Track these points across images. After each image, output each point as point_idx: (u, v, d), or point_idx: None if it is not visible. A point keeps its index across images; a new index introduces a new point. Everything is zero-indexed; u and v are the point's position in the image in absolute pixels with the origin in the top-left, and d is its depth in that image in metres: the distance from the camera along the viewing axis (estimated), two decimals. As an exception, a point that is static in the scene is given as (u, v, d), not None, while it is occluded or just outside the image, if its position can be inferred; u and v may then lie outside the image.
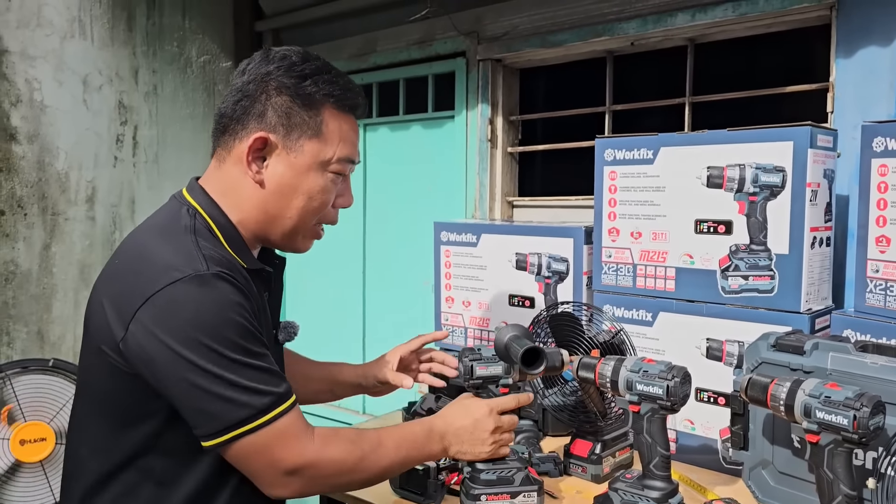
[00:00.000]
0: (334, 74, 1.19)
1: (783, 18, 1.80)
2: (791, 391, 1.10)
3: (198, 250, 1.08)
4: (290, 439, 1.07)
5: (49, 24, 2.39)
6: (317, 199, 1.18)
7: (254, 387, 1.04)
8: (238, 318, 1.05)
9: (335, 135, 1.17)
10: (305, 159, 1.16)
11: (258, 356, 1.06)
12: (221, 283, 1.05)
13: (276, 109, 1.14)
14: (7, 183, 2.31)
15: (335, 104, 1.17)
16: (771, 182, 1.40)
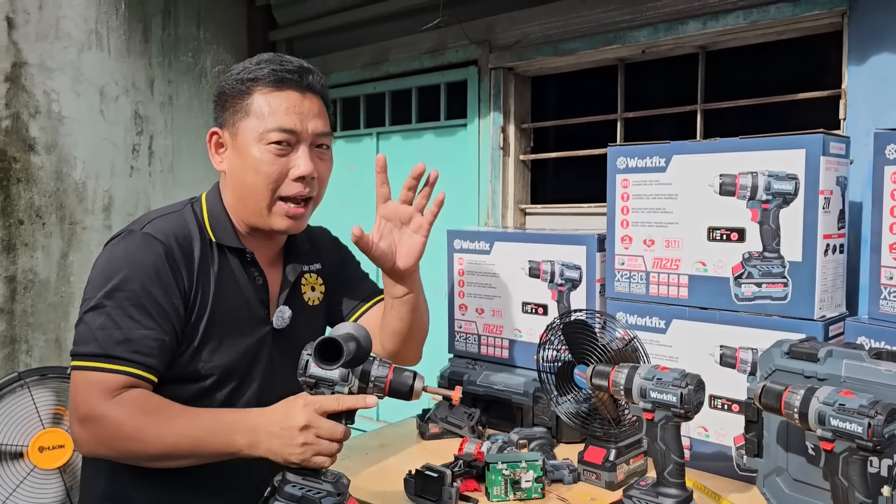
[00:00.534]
0: (270, 58, 1.32)
1: (794, 26, 1.80)
2: (805, 399, 1.10)
3: (155, 217, 1.30)
4: (91, 390, 1.18)
5: (67, 37, 2.43)
6: (261, 169, 1.29)
7: (97, 333, 1.19)
8: (135, 276, 1.21)
9: (264, 109, 1.29)
10: (244, 138, 1.30)
11: (124, 312, 1.20)
12: (141, 242, 1.25)
13: (222, 107, 1.34)
14: (26, 193, 2.35)
15: (263, 84, 1.30)
16: (783, 189, 1.41)
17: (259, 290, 1.37)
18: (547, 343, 1.55)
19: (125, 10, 2.58)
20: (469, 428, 1.65)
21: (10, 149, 2.30)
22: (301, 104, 1.31)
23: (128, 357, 1.19)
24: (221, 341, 1.31)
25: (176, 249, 1.27)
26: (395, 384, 1.16)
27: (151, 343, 1.21)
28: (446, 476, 1.33)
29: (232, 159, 1.33)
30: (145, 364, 1.20)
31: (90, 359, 1.19)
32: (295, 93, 1.31)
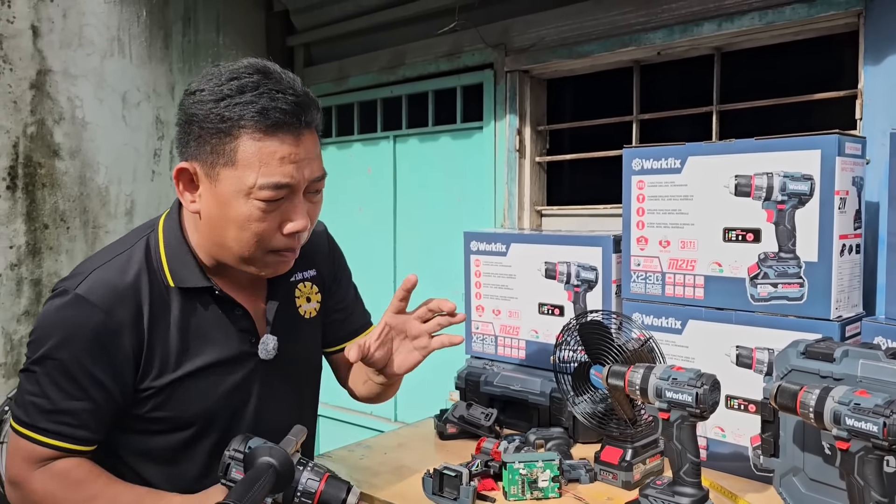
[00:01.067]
0: (260, 91, 1.08)
1: (810, 26, 1.80)
2: (820, 398, 1.11)
3: (94, 270, 1.15)
4: (17, 456, 1.14)
5: (90, 44, 2.47)
6: (248, 228, 1.12)
7: (27, 399, 1.13)
8: (64, 345, 1.11)
9: (253, 160, 1.08)
10: (225, 188, 1.10)
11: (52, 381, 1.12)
12: (74, 307, 1.12)
13: (194, 138, 1.11)
14: (51, 197, 2.40)
15: (252, 126, 1.08)
16: (799, 190, 1.41)
17: (239, 320, 1.24)
18: (563, 344, 1.56)
19: (146, 17, 2.62)
20: (486, 428, 1.67)
21: (35, 154, 2.35)
22: (297, 150, 1.11)
23: (53, 430, 1.12)
24: (196, 388, 1.20)
25: (116, 311, 1.12)
26: (324, 499, 1.07)
27: (82, 414, 1.13)
28: (464, 475, 1.35)
29: (210, 206, 1.13)
30: (71, 436, 1.13)
31: (21, 424, 1.14)
32: (290, 136, 1.10)
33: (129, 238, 1.24)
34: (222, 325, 1.22)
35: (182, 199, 1.17)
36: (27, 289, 2.34)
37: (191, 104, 1.12)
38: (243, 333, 1.25)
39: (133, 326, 1.14)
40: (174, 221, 1.22)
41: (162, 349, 1.17)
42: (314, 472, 1.08)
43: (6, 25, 2.27)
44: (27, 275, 2.35)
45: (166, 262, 1.19)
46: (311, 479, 1.08)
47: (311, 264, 1.38)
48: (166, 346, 1.18)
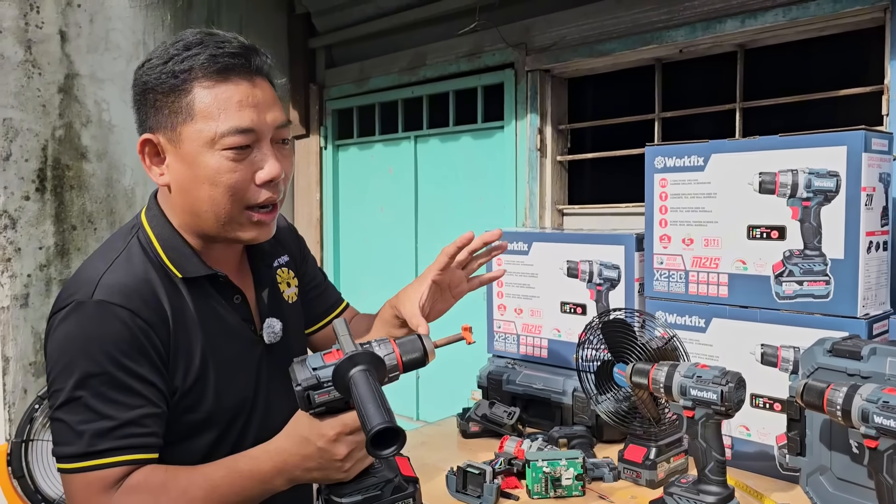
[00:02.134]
0: (204, 44, 1.08)
1: (835, 22, 1.79)
2: (848, 396, 1.10)
3: (102, 274, 1.09)
4: (90, 493, 1.04)
5: (116, 48, 2.51)
6: (221, 181, 1.08)
7: (80, 429, 1.04)
8: (102, 355, 1.03)
9: (212, 108, 1.06)
10: (189, 146, 1.07)
11: (104, 399, 1.04)
12: (99, 314, 1.05)
13: (151, 107, 1.10)
14: (78, 199, 2.44)
15: (203, 74, 1.07)
16: (824, 187, 1.40)
17: (239, 308, 1.21)
18: (586, 342, 1.56)
19: (171, 21, 2.66)
20: (509, 427, 1.67)
21: (63, 157, 2.39)
22: (254, 94, 1.09)
23: (122, 446, 1.04)
24: (222, 385, 1.16)
25: (141, 308, 1.07)
26: (406, 360, 1.05)
27: (145, 420, 1.06)
28: (487, 473, 1.35)
29: (178, 171, 1.10)
30: (144, 446, 1.06)
31: (80, 459, 1.04)
32: (244, 81, 1.08)
33: (114, 242, 1.17)
34: (228, 314, 1.20)
35: (150, 175, 1.13)
36: (56, 289, 2.38)
37: (141, 74, 1.11)
38: (245, 322, 1.22)
39: (160, 323, 1.10)
40: (156, 212, 1.18)
41: (186, 343, 1.13)
42: (384, 347, 1.04)
43: (35, 31, 2.31)
44: (56, 275, 2.39)
45: (165, 254, 1.15)
46: (388, 353, 1.03)
47: (284, 250, 1.37)
48: (190, 341, 1.14)
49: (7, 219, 2.28)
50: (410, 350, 1.06)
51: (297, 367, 1.02)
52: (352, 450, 1.01)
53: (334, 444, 1.00)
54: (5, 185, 2.27)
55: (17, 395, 2.30)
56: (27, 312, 2.33)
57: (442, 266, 1.35)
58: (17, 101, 2.28)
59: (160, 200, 1.19)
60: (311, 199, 3.11)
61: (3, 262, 2.28)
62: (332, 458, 1.00)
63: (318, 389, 1.00)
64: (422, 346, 1.06)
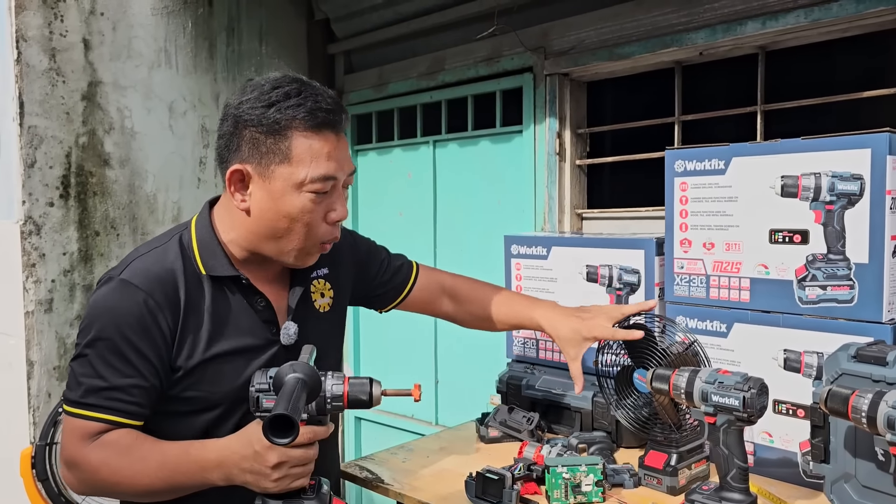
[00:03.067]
0: (304, 96, 1.23)
1: (858, 23, 1.76)
2: (873, 403, 1.08)
3: (135, 259, 1.28)
4: (73, 435, 1.22)
5: (138, 56, 2.54)
6: (300, 219, 1.25)
7: (81, 380, 1.22)
8: (112, 324, 1.21)
9: (305, 156, 1.22)
10: (279, 184, 1.23)
11: (104, 361, 1.21)
12: (119, 290, 1.23)
13: (247, 142, 1.24)
14: (101, 205, 2.47)
15: (302, 126, 1.22)
16: (848, 190, 1.38)
17: (262, 311, 1.33)
18: (606, 347, 1.55)
19: (192, 28, 2.69)
20: (528, 432, 1.66)
21: (86, 164, 2.42)
22: (338, 146, 1.26)
23: (105, 405, 1.21)
24: (223, 370, 1.29)
25: (156, 292, 1.24)
26: (352, 398, 1.18)
27: (132, 390, 1.22)
28: (507, 478, 1.35)
29: (261, 202, 1.25)
30: (124, 410, 1.22)
31: (74, 405, 1.23)
32: (332, 134, 1.25)
33: (163, 236, 1.36)
34: (248, 314, 1.32)
35: (233, 199, 1.27)
36: (79, 294, 2.41)
37: (241, 112, 1.25)
38: (266, 324, 1.34)
39: (170, 307, 1.24)
40: (205, 221, 1.34)
41: (194, 331, 1.27)
42: (335, 378, 1.18)
43: (59, 39, 2.34)
44: (79, 280, 2.42)
45: (198, 253, 1.30)
46: (335, 383, 1.17)
47: (325, 262, 1.46)
48: (198, 329, 1.27)
49: (32, 225, 2.31)
50: (358, 391, 1.19)
51: (257, 373, 1.19)
52: (282, 461, 1.12)
53: (268, 450, 1.11)
54: (30, 191, 2.30)
55: (42, 398, 2.33)
56: (51, 317, 2.36)
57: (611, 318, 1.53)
58: (41, 108, 2.31)
59: (216, 212, 1.35)
60: (331, 204, 3.12)
61: (28, 267, 2.32)
62: (264, 463, 1.11)
63: (266, 394, 1.15)
64: (369, 391, 1.19)
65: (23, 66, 2.27)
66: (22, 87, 2.27)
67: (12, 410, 2.40)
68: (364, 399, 1.18)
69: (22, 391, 2.34)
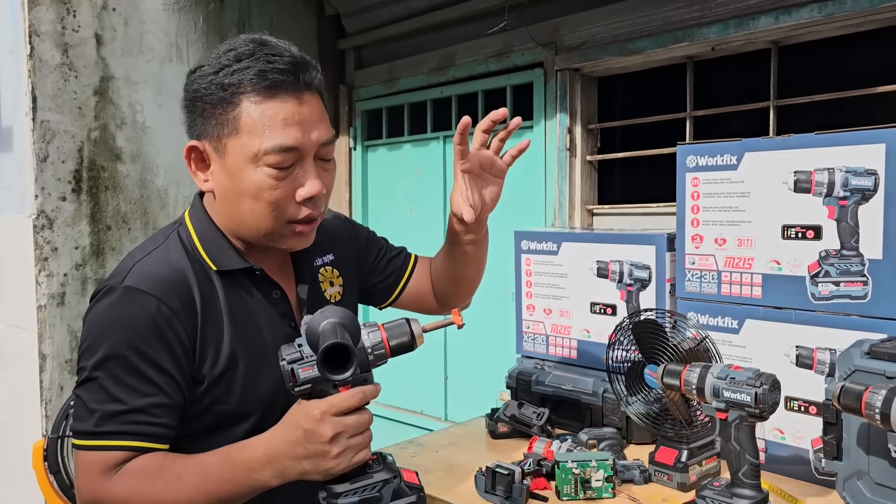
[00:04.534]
0: (256, 57, 1.08)
1: (873, 17, 1.75)
2: (887, 399, 1.07)
3: (136, 263, 1.13)
4: (91, 472, 1.07)
5: (150, 51, 2.55)
6: (262, 196, 1.10)
7: (93, 408, 1.07)
8: (123, 339, 1.06)
9: (257, 124, 1.07)
10: (233, 159, 1.09)
11: (118, 382, 1.06)
12: (126, 300, 1.08)
13: (198, 114, 1.12)
14: (113, 200, 2.48)
15: (252, 90, 1.07)
16: (862, 186, 1.37)
17: (278, 304, 1.22)
18: (616, 343, 1.55)
19: (203, 24, 2.69)
20: (538, 427, 1.66)
21: (98, 158, 2.44)
22: (300, 111, 1.09)
23: (127, 430, 1.06)
24: (253, 375, 1.16)
25: (169, 296, 1.09)
26: (394, 344, 1.06)
27: (155, 409, 1.08)
28: (516, 473, 1.35)
29: (222, 180, 1.13)
30: (149, 434, 1.07)
31: (87, 437, 1.07)
32: (291, 98, 1.09)
33: (157, 236, 1.22)
34: (264, 309, 1.20)
35: (195, 179, 1.16)
36: (91, 288, 2.43)
37: (192, 81, 1.13)
38: (283, 318, 1.23)
39: (186, 312, 1.11)
40: (199, 212, 1.21)
41: (215, 334, 1.14)
42: (369, 327, 1.06)
43: (72, 34, 2.36)
44: (91, 274, 2.43)
45: (202, 248, 1.17)
46: (371, 331, 1.05)
47: (329, 249, 1.37)
48: (219, 331, 1.14)
49: (44, 219, 2.32)
50: (398, 334, 1.06)
51: (284, 347, 1.04)
52: (339, 432, 1.00)
53: (319, 423, 0.99)
54: (42, 186, 2.31)
55: (54, 391, 2.35)
56: (63, 311, 2.37)
57: (460, 157, 1.32)
58: (54, 103, 2.32)
59: (205, 201, 1.22)
60: (341, 199, 3.13)
61: (41, 261, 2.33)
62: (319, 439, 0.99)
63: (301, 363, 1.01)
64: (409, 331, 1.07)
65: (35, 61, 2.28)
66: (35, 81, 2.29)
67: (25, 403, 2.42)
68: (406, 341, 1.06)
69: (34, 384, 2.36)
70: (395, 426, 2.93)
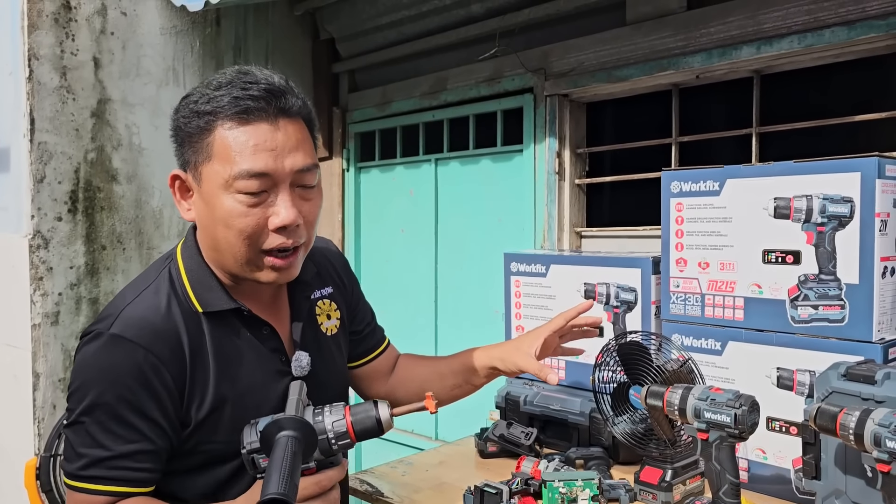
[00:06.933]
0: (233, 84, 1.09)
1: (850, 48, 1.81)
2: (860, 420, 1.11)
3: (125, 307, 1.13)
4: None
5: (147, 74, 2.59)
6: (233, 224, 1.10)
7: (80, 451, 1.10)
8: (110, 388, 1.08)
9: (228, 151, 1.08)
10: (208, 186, 1.11)
11: (103, 429, 1.09)
12: (111, 347, 1.09)
13: (179, 143, 1.14)
14: (108, 220, 2.51)
15: (224, 118, 1.08)
16: (839, 212, 1.41)
17: (268, 339, 1.22)
18: (603, 364, 1.58)
19: (199, 47, 2.74)
20: (526, 447, 1.69)
21: (94, 179, 2.47)
22: (273, 137, 1.08)
23: (111, 476, 1.09)
24: (239, 415, 1.15)
25: (156, 345, 1.10)
26: (359, 428, 1.06)
27: (139, 455, 1.10)
28: (504, 492, 1.37)
29: (200, 208, 1.14)
30: (132, 479, 1.10)
31: (75, 478, 1.11)
32: (264, 124, 1.08)
33: (149, 273, 1.22)
34: (253, 347, 1.20)
35: (179, 208, 1.18)
36: (85, 307, 2.45)
37: (177, 110, 1.15)
38: (274, 353, 1.23)
39: (174, 359, 1.12)
40: (191, 247, 1.21)
41: (202, 378, 1.15)
42: (335, 413, 1.05)
43: (70, 58, 2.40)
44: (85, 294, 2.45)
45: (190, 288, 1.17)
46: (336, 420, 1.05)
47: (327, 282, 1.38)
48: (206, 375, 1.15)
49: (40, 239, 2.35)
50: (364, 420, 1.06)
51: (246, 429, 1.06)
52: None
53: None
54: (39, 206, 2.34)
55: (47, 410, 2.36)
56: (57, 330, 2.39)
57: (557, 328, 1.48)
58: (51, 125, 2.36)
59: (197, 235, 1.22)
60: (334, 219, 3.16)
61: (36, 280, 2.35)
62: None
63: (259, 454, 1.03)
64: (375, 415, 1.06)
65: (34, 84, 2.32)
66: (33, 104, 2.32)
67: (18, 422, 2.43)
68: (372, 427, 1.05)
69: (27, 403, 2.37)
70: (386, 445, 2.94)
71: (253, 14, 2.91)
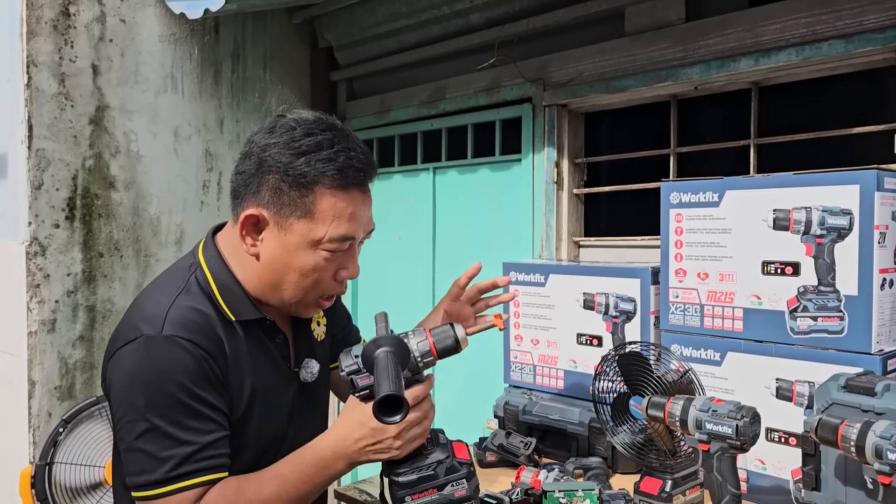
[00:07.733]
0: (336, 150, 1.16)
1: (848, 62, 1.82)
2: (862, 432, 1.11)
3: (168, 310, 1.17)
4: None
5: (145, 81, 2.59)
6: (309, 276, 1.21)
7: (162, 455, 1.12)
8: (175, 385, 1.12)
9: (328, 214, 1.17)
10: (295, 238, 1.18)
11: (180, 426, 1.13)
12: (169, 347, 1.13)
13: (269, 187, 1.17)
14: (106, 227, 2.50)
15: (330, 183, 1.16)
16: (838, 224, 1.42)
17: (280, 347, 1.31)
18: (602, 374, 1.58)
19: (198, 55, 2.74)
20: (525, 457, 1.69)
21: (92, 186, 2.46)
22: (364, 205, 1.22)
23: (202, 467, 1.14)
24: (264, 415, 1.26)
25: (206, 342, 1.17)
26: (440, 348, 1.16)
27: (218, 443, 1.16)
28: (504, 503, 1.37)
29: (273, 251, 1.20)
30: (219, 466, 1.16)
31: (162, 484, 1.13)
32: (359, 193, 1.20)
33: (175, 279, 1.25)
34: (268, 352, 1.28)
35: (243, 243, 1.22)
36: (82, 315, 2.44)
37: (267, 155, 1.18)
38: (284, 360, 1.31)
39: (220, 355, 1.19)
40: (215, 257, 1.26)
41: (238, 378, 1.22)
42: (418, 335, 1.17)
43: (69, 64, 2.39)
44: (82, 301, 2.44)
45: (221, 297, 1.23)
46: (420, 340, 1.16)
47: None
48: (241, 374, 1.22)
49: (37, 246, 2.34)
50: (443, 338, 1.17)
51: (343, 355, 1.16)
52: (402, 429, 1.13)
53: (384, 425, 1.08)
54: (36, 213, 2.33)
55: (42, 418, 2.35)
56: (54, 337, 2.38)
57: (453, 297, 1.52)
58: (50, 132, 2.35)
59: (222, 245, 1.28)
60: (331, 227, 3.16)
61: (32, 287, 2.34)
62: (385, 435, 1.12)
63: (358, 374, 1.14)
64: (454, 334, 1.17)
65: (32, 91, 2.32)
66: (31, 110, 2.32)
67: (13, 430, 2.41)
68: (452, 345, 1.17)
69: (23, 410, 2.36)
70: (383, 454, 2.93)
71: (252, 22, 2.91)
